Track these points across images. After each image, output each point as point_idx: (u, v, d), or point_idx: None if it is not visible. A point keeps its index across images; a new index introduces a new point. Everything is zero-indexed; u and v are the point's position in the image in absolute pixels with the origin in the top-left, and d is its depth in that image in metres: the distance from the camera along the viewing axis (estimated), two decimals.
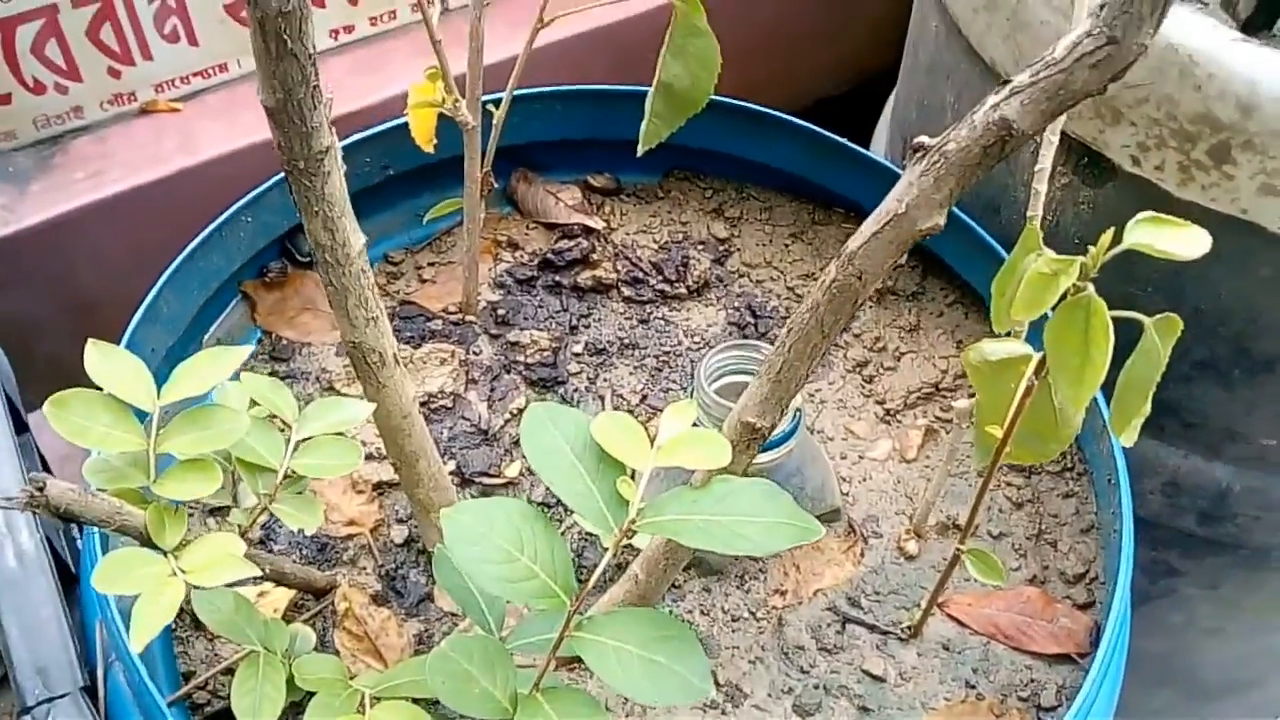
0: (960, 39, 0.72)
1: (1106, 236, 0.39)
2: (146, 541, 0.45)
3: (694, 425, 0.49)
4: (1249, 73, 0.56)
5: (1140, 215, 0.40)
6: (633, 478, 0.47)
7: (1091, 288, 0.39)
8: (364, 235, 0.50)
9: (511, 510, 0.47)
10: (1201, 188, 0.59)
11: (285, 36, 0.41)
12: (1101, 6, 0.36)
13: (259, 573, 0.44)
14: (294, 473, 0.51)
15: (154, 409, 0.47)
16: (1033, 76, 0.39)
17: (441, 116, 0.66)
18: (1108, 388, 0.44)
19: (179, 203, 0.84)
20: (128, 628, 0.42)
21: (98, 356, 0.47)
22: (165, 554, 0.45)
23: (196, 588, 0.43)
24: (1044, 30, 0.64)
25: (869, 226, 0.45)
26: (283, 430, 0.52)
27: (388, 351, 0.54)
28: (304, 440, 0.51)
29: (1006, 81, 0.39)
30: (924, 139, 0.45)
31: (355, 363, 0.54)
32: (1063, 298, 0.40)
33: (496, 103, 0.67)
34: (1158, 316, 0.40)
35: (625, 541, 0.60)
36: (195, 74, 0.89)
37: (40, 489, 0.43)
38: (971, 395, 0.63)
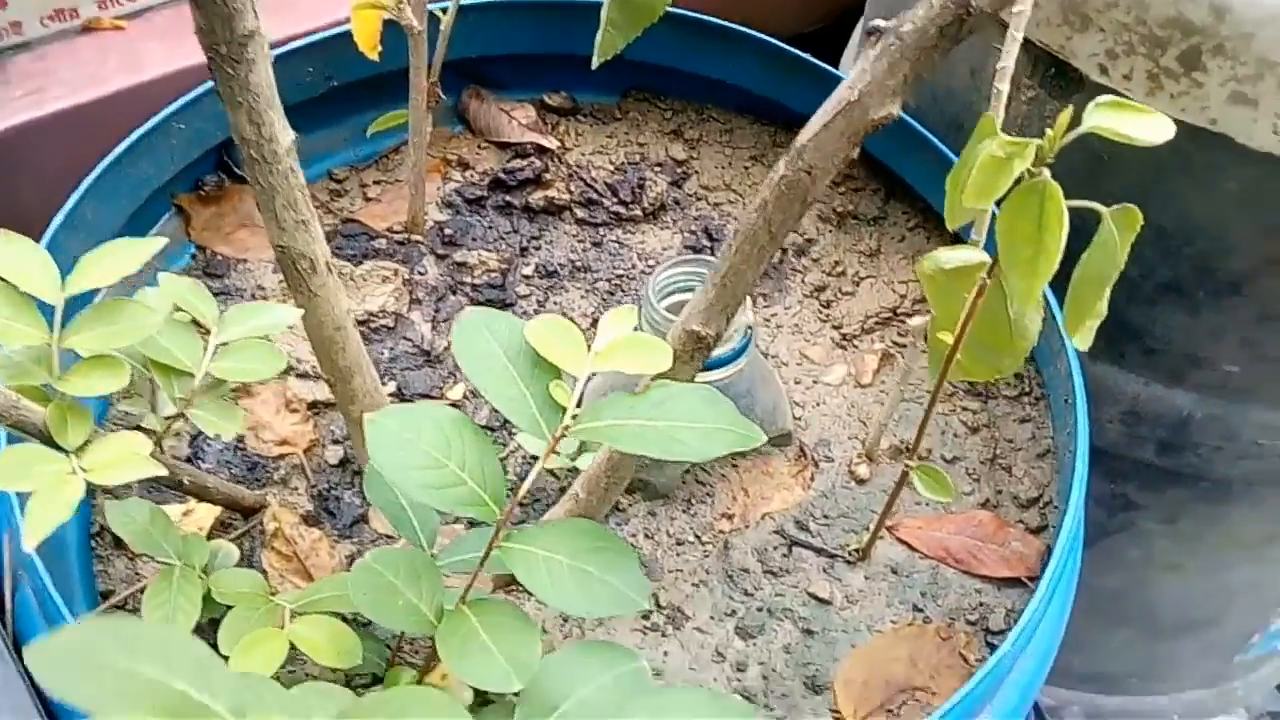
0: None
1: (1064, 117, 0.37)
2: (48, 440, 0.43)
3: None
4: None
5: (1100, 99, 0.38)
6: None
7: (1047, 172, 0.37)
8: (293, 132, 0.47)
9: (440, 417, 0.45)
10: (1170, 97, 0.57)
11: None
12: None
13: (164, 472, 0.42)
14: (213, 377, 0.48)
15: (58, 301, 0.44)
16: None
17: (388, 26, 0.63)
18: (1063, 292, 0.42)
19: (122, 122, 0.81)
20: None
21: None
22: (67, 454, 0.42)
23: (98, 487, 0.41)
24: None
25: (819, 118, 0.42)
26: (204, 337, 0.49)
27: (319, 258, 0.51)
28: (224, 344, 0.49)
29: None
30: (879, 22, 0.43)
31: (284, 269, 0.51)
32: (1016, 184, 0.38)
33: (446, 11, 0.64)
34: (1116, 207, 0.38)
35: (570, 463, 0.59)
36: None
37: None
38: (929, 314, 0.61)
